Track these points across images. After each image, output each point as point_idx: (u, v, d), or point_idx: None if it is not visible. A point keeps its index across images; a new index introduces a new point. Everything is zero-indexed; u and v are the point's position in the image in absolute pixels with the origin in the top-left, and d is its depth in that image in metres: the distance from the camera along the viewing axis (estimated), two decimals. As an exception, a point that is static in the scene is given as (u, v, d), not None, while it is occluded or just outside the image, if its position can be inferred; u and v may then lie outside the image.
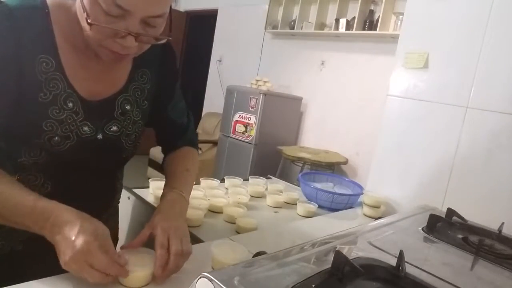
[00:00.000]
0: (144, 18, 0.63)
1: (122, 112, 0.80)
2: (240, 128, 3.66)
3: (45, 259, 0.65)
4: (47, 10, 0.69)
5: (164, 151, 0.98)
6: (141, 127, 0.85)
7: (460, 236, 0.88)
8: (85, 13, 0.62)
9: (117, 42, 0.65)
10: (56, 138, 0.71)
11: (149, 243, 0.72)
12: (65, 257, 0.58)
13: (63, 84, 0.71)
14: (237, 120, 3.69)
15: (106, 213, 0.89)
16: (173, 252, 0.68)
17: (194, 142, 1.00)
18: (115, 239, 0.97)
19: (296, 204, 1.30)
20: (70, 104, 0.72)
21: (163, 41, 0.70)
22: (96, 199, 0.84)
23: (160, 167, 0.98)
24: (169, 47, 0.89)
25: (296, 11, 3.89)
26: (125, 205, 1.11)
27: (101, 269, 0.59)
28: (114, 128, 0.79)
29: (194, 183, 1.31)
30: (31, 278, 0.63)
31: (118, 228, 0.99)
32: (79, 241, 0.58)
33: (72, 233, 0.59)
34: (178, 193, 0.82)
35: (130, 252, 0.69)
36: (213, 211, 1.14)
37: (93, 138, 0.76)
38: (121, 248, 0.72)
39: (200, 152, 4.29)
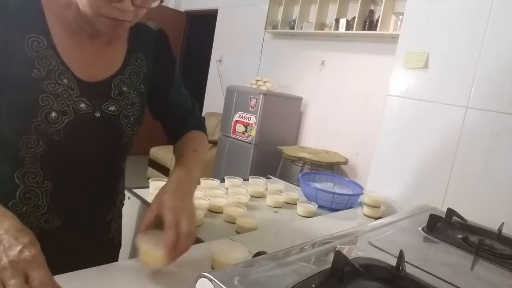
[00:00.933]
0: None
1: (119, 92, 0.80)
2: (240, 128, 3.66)
3: (61, 263, 0.64)
4: None
5: (173, 140, 0.97)
6: (139, 110, 0.84)
7: (460, 236, 0.88)
8: None
9: (114, 7, 0.67)
10: (53, 113, 0.70)
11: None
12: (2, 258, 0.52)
13: (56, 61, 0.72)
14: (237, 120, 3.69)
15: (109, 214, 0.88)
16: (184, 233, 0.68)
17: (201, 125, 1.00)
18: (118, 244, 0.95)
19: (296, 204, 1.30)
20: (65, 80, 0.72)
21: (156, 4, 0.72)
22: (98, 199, 0.84)
23: (159, 167, 0.99)
24: (163, 33, 0.92)
25: (296, 11, 3.89)
26: (125, 205, 1.10)
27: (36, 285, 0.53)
28: (112, 107, 0.78)
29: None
30: None
31: (121, 233, 0.96)
32: (30, 250, 0.53)
33: (24, 240, 0.54)
34: (185, 171, 0.81)
35: (147, 236, 0.70)
36: (213, 211, 1.14)
37: (91, 115, 0.75)
38: (137, 236, 0.71)
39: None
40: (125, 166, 0.91)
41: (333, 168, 3.29)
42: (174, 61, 0.95)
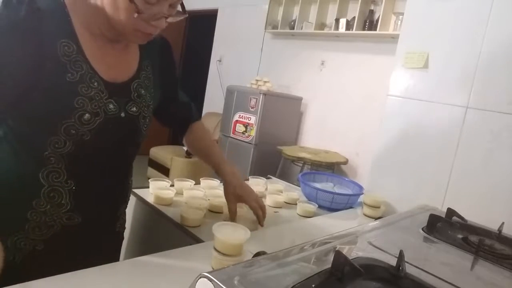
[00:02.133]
0: (172, 2, 0.75)
1: (138, 95, 0.85)
2: (240, 128, 3.66)
3: (65, 256, 0.69)
4: (62, 0, 0.74)
5: (180, 130, 1.13)
6: (152, 112, 0.91)
7: (460, 236, 0.88)
8: (132, 3, 0.71)
9: (151, 24, 0.74)
10: (87, 115, 0.74)
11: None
12: None
13: (86, 65, 0.75)
14: (237, 120, 3.69)
15: (121, 209, 0.94)
16: (262, 205, 1.04)
17: (199, 115, 1.16)
18: (122, 237, 1.00)
19: (296, 204, 1.30)
20: (96, 84, 0.76)
21: (182, 17, 0.79)
22: (114, 196, 0.89)
23: (159, 167, 1.03)
24: (166, 42, 0.99)
25: (296, 11, 3.89)
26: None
27: None
28: (134, 108, 0.84)
29: (194, 183, 1.33)
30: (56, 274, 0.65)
31: (125, 227, 1.01)
32: None
33: None
34: (229, 165, 1.08)
35: (222, 226, 0.77)
36: (213, 211, 1.14)
37: (117, 115, 0.80)
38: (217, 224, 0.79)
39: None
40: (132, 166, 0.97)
41: (333, 168, 3.29)
42: (176, 68, 1.04)
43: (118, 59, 0.83)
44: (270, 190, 1.39)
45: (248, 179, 1.50)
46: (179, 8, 0.79)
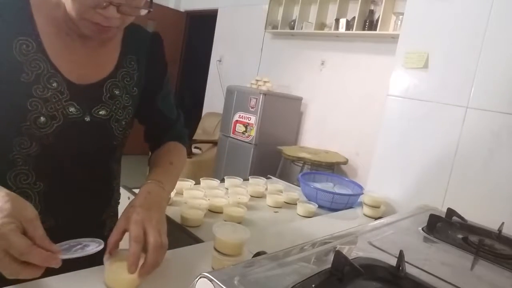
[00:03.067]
0: None
1: (111, 96, 0.79)
2: (240, 128, 3.66)
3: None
4: None
5: (151, 148, 0.95)
6: (131, 113, 0.84)
7: (460, 236, 0.88)
8: None
9: (99, 13, 0.66)
10: (42, 118, 0.69)
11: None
12: None
13: (46, 64, 0.71)
14: (237, 120, 3.69)
15: (104, 213, 0.88)
16: (152, 244, 0.63)
17: (182, 138, 0.97)
18: None
19: (296, 204, 1.30)
20: (55, 84, 0.71)
21: (144, 12, 0.71)
22: (92, 199, 0.83)
23: None
24: (158, 37, 0.90)
25: (296, 11, 3.89)
26: (125, 205, 1.10)
27: (18, 255, 0.51)
28: (103, 112, 0.77)
29: (194, 183, 1.32)
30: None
31: None
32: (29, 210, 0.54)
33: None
34: (156, 184, 0.77)
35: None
36: (213, 211, 1.14)
37: (81, 120, 0.74)
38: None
39: (200, 152, 4.32)
40: (119, 166, 0.91)
41: (333, 168, 3.29)
42: (165, 68, 0.93)
43: (89, 57, 0.77)
44: (270, 190, 1.40)
45: (248, 179, 1.50)
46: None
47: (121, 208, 0.95)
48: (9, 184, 0.72)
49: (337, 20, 3.48)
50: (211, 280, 0.47)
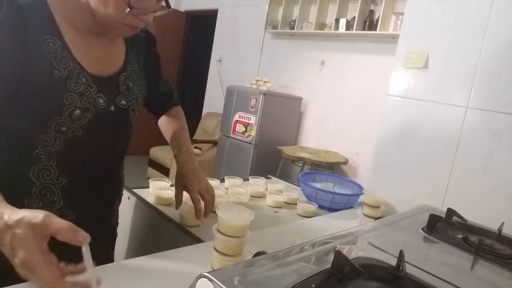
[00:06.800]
0: None
1: (127, 88, 0.86)
2: (240, 128, 3.66)
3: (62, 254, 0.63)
4: None
5: (156, 114, 1.15)
6: (141, 104, 0.93)
7: (460, 236, 0.88)
8: None
9: (140, 18, 0.75)
10: (77, 111, 0.74)
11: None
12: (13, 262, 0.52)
13: (72, 61, 0.75)
14: (237, 120, 3.69)
15: (116, 203, 0.94)
16: (208, 198, 0.98)
17: (178, 102, 1.17)
18: (116, 233, 1.00)
19: (296, 204, 1.30)
20: (84, 79, 0.76)
21: (166, 11, 0.79)
22: (106, 190, 0.89)
23: (159, 167, 1.04)
24: (149, 34, 1.00)
25: (296, 11, 3.89)
26: (125, 205, 1.11)
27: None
28: (123, 101, 0.84)
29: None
30: None
31: (118, 223, 1.02)
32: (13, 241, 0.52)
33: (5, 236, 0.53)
34: (186, 152, 1.03)
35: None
36: (213, 211, 1.14)
37: (107, 110, 0.80)
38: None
39: (200, 152, 4.31)
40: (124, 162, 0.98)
41: (333, 168, 3.29)
42: (159, 59, 1.05)
43: (105, 52, 0.83)
44: (270, 190, 1.39)
45: (248, 179, 1.50)
46: (163, 3, 0.79)
47: (124, 210, 1.01)
48: (32, 180, 0.75)
49: (337, 20, 3.48)
50: (211, 280, 0.47)
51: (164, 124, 1.14)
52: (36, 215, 0.54)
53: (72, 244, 0.54)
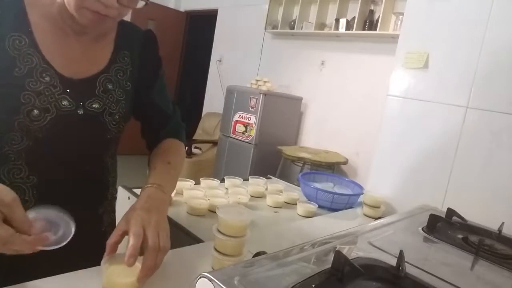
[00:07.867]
0: None
1: (104, 90, 0.80)
2: (240, 128, 3.66)
3: (42, 257, 0.62)
4: None
5: (149, 145, 0.96)
6: (125, 107, 0.84)
7: (460, 236, 0.88)
8: None
9: (98, 1, 0.68)
10: (35, 111, 0.71)
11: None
12: None
13: (38, 59, 0.72)
14: (237, 120, 3.69)
15: (101, 207, 0.88)
16: (150, 246, 0.63)
17: (179, 134, 0.97)
18: (107, 239, 0.95)
19: (296, 204, 1.30)
20: (47, 78, 0.73)
21: (142, 4, 0.74)
22: (86, 192, 0.83)
23: None
24: (151, 33, 0.93)
25: (296, 11, 3.89)
26: (125, 205, 1.10)
27: (2, 245, 0.53)
28: (96, 105, 0.79)
29: (194, 183, 1.32)
30: (40, 277, 0.64)
31: (115, 227, 0.96)
32: (8, 195, 0.55)
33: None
34: (157, 188, 0.77)
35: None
36: (213, 211, 1.14)
37: (74, 113, 0.76)
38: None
39: (200, 152, 4.32)
40: (115, 161, 0.91)
41: (333, 168, 3.29)
42: (159, 63, 0.95)
43: (83, 52, 0.79)
44: (270, 190, 1.40)
45: (248, 179, 1.50)
46: None
47: (119, 207, 0.95)
48: (2, 179, 0.73)
49: (337, 20, 3.48)
50: (211, 280, 0.47)
51: (150, 159, 0.91)
52: (7, 193, 0.55)
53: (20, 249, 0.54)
